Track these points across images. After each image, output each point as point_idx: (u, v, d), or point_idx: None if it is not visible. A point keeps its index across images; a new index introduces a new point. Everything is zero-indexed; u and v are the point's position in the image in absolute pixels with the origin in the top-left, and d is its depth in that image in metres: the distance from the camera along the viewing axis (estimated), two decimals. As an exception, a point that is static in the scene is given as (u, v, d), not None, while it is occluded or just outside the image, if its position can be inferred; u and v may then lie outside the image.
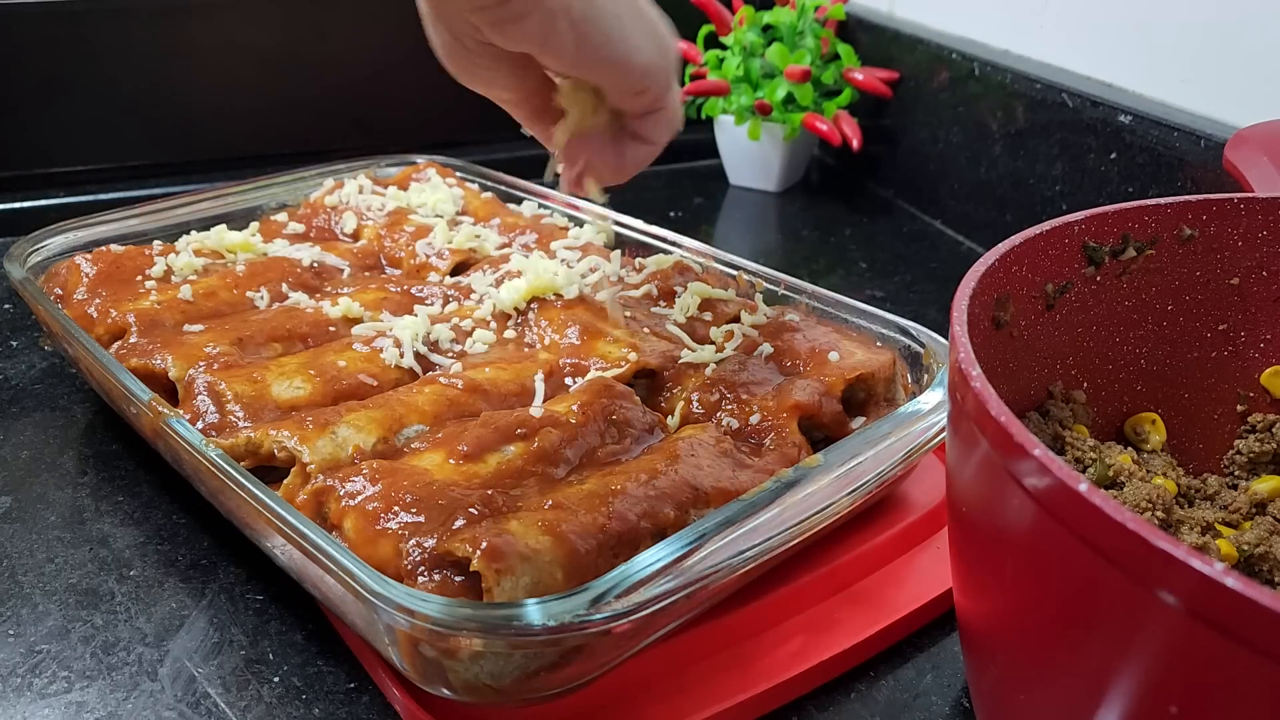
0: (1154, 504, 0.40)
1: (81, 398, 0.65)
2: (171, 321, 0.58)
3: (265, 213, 0.76)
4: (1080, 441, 0.44)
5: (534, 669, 0.38)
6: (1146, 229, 0.46)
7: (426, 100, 1.02)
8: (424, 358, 0.56)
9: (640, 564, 0.38)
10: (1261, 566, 0.41)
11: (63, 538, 0.53)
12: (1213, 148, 0.68)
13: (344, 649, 0.46)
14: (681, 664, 0.44)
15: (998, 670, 0.36)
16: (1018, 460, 0.30)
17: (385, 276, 0.68)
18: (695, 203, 1.04)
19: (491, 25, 0.42)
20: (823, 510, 0.45)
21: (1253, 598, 0.24)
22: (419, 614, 0.35)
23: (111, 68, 0.92)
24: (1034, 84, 0.84)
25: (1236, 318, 0.48)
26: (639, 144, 0.51)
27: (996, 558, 0.34)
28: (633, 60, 0.45)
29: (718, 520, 0.41)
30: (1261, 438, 0.48)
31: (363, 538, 0.42)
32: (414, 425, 0.49)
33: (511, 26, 0.42)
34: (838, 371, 0.53)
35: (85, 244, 0.67)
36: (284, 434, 0.47)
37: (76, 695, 0.43)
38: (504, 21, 0.41)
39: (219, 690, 0.44)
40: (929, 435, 0.49)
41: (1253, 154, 0.57)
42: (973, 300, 0.39)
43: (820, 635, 0.46)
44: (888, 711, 0.44)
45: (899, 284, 0.86)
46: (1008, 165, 0.88)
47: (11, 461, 0.58)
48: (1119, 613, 0.28)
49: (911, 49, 0.98)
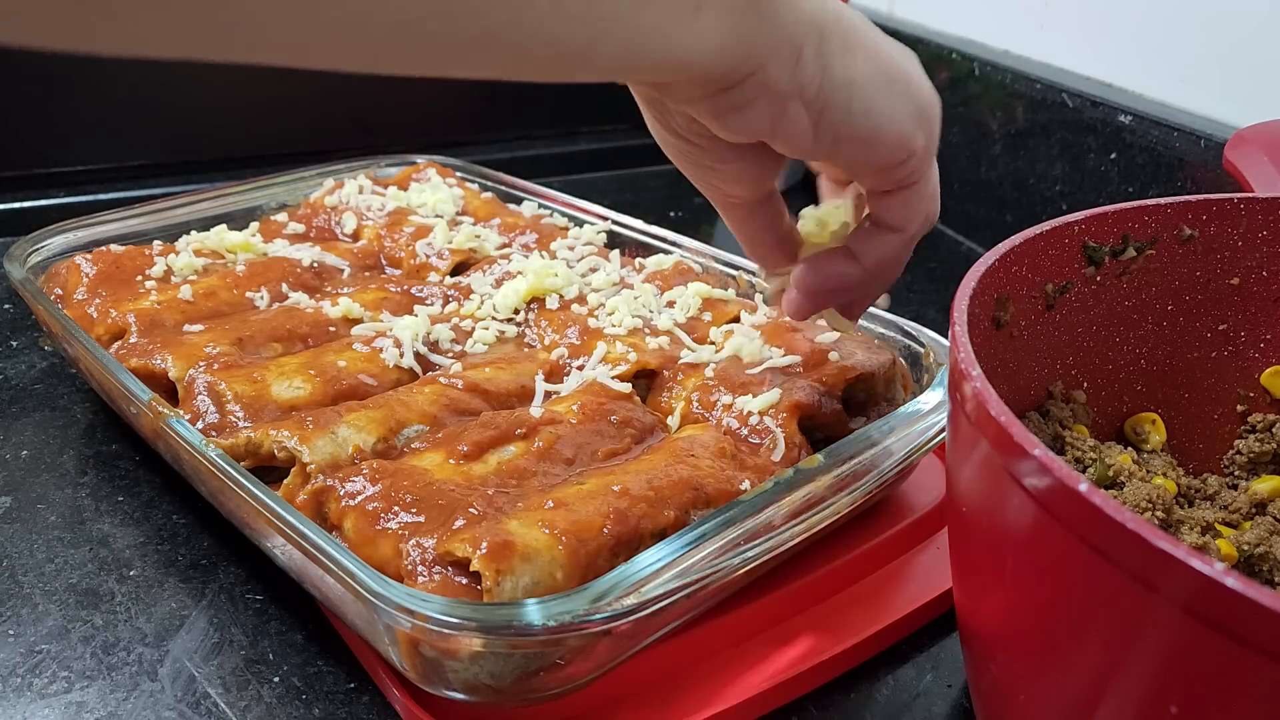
0: (1154, 504, 0.40)
1: (81, 398, 0.65)
2: (171, 321, 0.58)
3: (265, 213, 0.76)
4: (1080, 441, 0.44)
5: (534, 669, 0.38)
6: (1146, 229, 0.46)
7: (426, 100, 1.02)
8: (424, 358, 0.56)
9: (640, 564, 0.38)
10: (1261, 566, 0.41)
11: (63, 538, 0.53)
12: (1213, 148, 0.68)
13: (344, 649, 0.46)
14: (681, 664, 0.44)
15: (998, 670, 0.36)
16: (1018, 460, 0.30)
17: (385, 276, 0.68)
18: (695, 203, 1.04)
19: (713, 116, 0.37)
20: (823, 510, 0.45)
21: (1253, 598, 0.24)
22: (419, 614, 0.35)
23: (112, 68, 0.92)
24: (1034, 84, 0.84)
25: (1236, 318, 0.48)
26: (883, 234, 0.43)
27: (996, 558, 0.34)
28: (883, 132, 0.39)
29: (718, 520, 0.41)
30: (1261, 438, 0.48)
31: (363, 538, 0.42)
32: (414, 425, 0.49)
33: (733, 117, 0.37)
34: (838, 371, 0.53)
35: (85, 244, 0.67)
36: (284, 434, 0.47)
37: (76, 695, 0.43)
38: (725, 112, 0.37)
39: (219, 690, 0.44)
40: (929, 435, 0.49)
41: (1253, 154, 0.57)
42: (973, 300, 0.39)
43: (820, 635, 0.46)
44: (888, 711, 0.44)
45: (899, 284, 0.85)
46: (1008, 165, 0.88)
47: (11, 461, 0.58)
48: (1119, 613, 0.28)
49: (911, 49, 0.98)
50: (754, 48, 0.34)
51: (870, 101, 0.38)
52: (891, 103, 0.38)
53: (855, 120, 0.38)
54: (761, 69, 0.35)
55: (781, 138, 0.38)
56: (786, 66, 0.35)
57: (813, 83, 0.36)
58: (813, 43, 0.36)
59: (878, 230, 0.44)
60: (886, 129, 0.39)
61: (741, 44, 0.34)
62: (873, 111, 0.38)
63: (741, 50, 0.34)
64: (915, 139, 0.40)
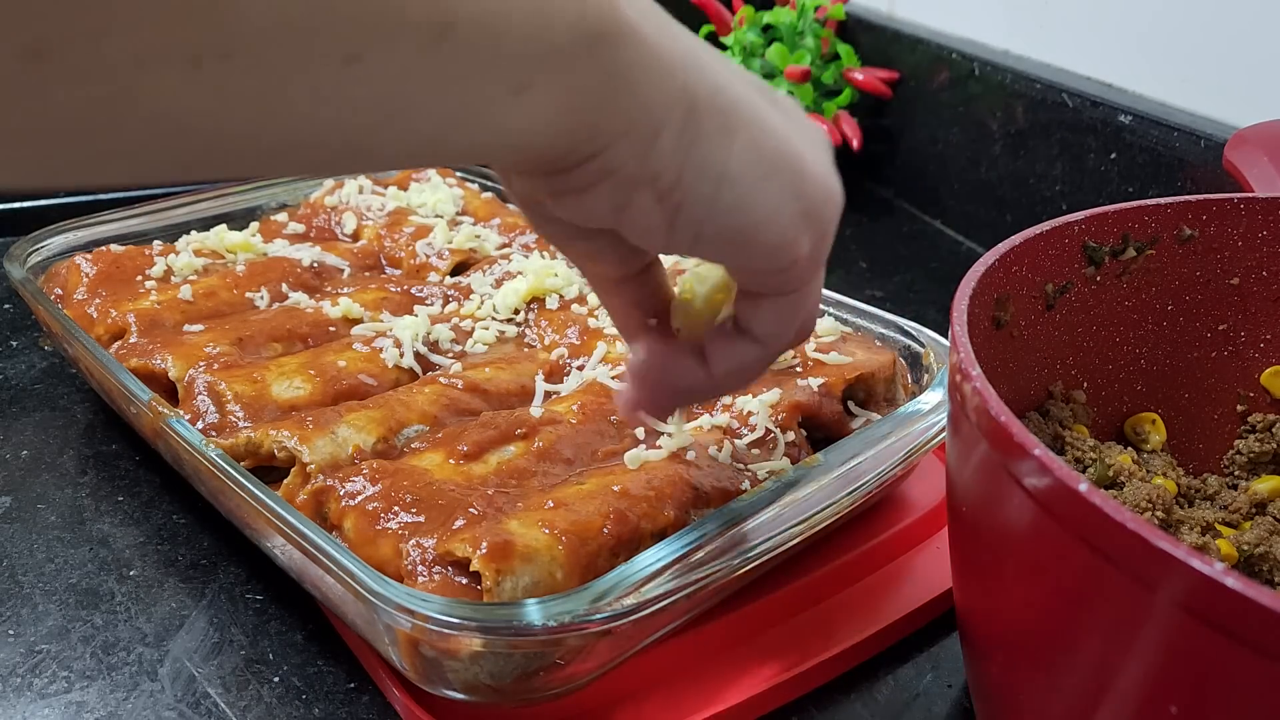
0: (1154, 504, 0.40)
1: (81, 398, 0.65)
2: (171, 321, 0.59)
3: (265, 213, 0.76)
4: (1080, 441, 0.44)
5: (534, 669, 0.38)
6: (1146, 229, 0.46)
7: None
8: (424, 358, 0.56)
9: (640, 564, 0.38)
10: (1261, 566, 0.41)
11: (63, 538, 0.53)
12: (1213, 148, 0.68)
13: (344, 649, 0.46)
14: (681, 664, 0.44)
15: (998, 670, 0.36)
16: (1018, 460, 0.30)
17: (385, 276, 0.68)
18: (695, 203, 1.03)
19: (553, 197, 0.31)
20: (823, 510, 0.44)
21: (1253, 598, 0.24)
22: (419, 614, 0.35)
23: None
24: (1034, 84, 0.84)
25: (1236, 318, 0.48)
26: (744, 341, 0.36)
27: (996, 558, 0.34)
28: (758, 236, 0.32)
29: (718, 520, 0.41)
30: (1261, 438, 0.48)
31: (363, 538, 0.42)
32: (414, 425, 0.49)
33: (570, 201, 0.31)
34: (838, 372, 0.53)
35: (85, 244, 0.67)
36: (284, 434, 0.47)
37: (76, 695, 0.43)
38: (560, 194, 0.31)
39: (219, 690, 0.44)
40: (929, 435, 0.49)
41: (1253, 154, 0.57)
42: (973, 300, 0.39)
43: (820, 635, 0.46)
44: (888, 711, 0.44)
45: (899, 284, 0.86)
46: (1008, 165, 0.88)
47: (11, 461, 0.58)
48: (1119, 613, 0.28)
49: (911, 49, 0.98)
50: (598, 128, 0.28)
51: (744, 197, 0.31)
52: (773, 200, 0.31)
53: (721, 218, 0.31)
54: (605, 151, 0.29)
55: (627, 230, 0.32)
56: (638, 150, 0.29)
57: (670, 171, 0.30)
58: (676, 123, 0.29)
59: (739, 336, 0.36)
60: (763, 232, 0.32)
61: (581, 124, 0.28)
62: (746, 209, 0.31)
63: (581, 131, 0.28)
64: (797, 245, 0.32)
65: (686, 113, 0.29)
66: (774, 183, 0.31)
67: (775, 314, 0.35)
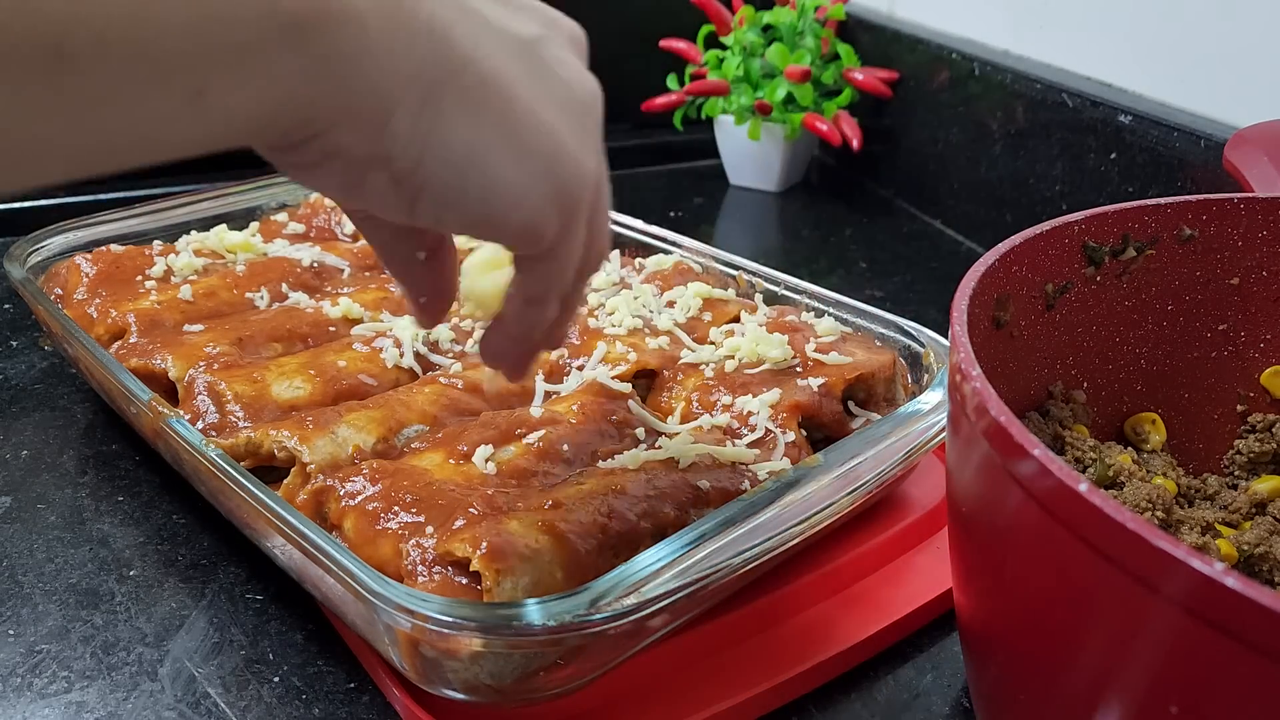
0: (1154, 504, 0.40)
1: (81, 398, 0.65)
2: (171, 321, 0.59)
3: (265, 213, 0.76)
4: (1080, 441, 0.44)
5: (534, 669, 0.38)
6: (1146, 229, 0.46)
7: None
8: (424, 358, 0.56)
9: (640, 564, 0.38)
10: (1261, 566, 0.41)
11: (63, 538, 0.53)
12: (1213, 148, 0.68)
13: (344, 649, 0.46)
14: (681, 664, 0.44)
15: (998, 670, 0.36)
16: (1018, 460, 0.30)
17: (385, 276, 0.68)
18: (695, 203, 1.04)
19: (288, 170, 0.31)
20: (823, 510, 0.45)
21: (1253, 598, 0.24)
22: (419, 614, 0.35)
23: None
24: (1034, 84, 0.84)
25: (1236, 318, 0.48)
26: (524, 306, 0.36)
27: (996, 558, 0.34)
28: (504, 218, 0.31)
29: (718, 520, 0.41)
30: (1261, 438, 0.49)
31: (363, 538, 0.42)
32: (414, 425, 0.49)
33: (302, 175, 0.31)
34: (838, 372, 0.53)
35: (85, 244, 0.67)
36: (284, 434, 0.47)
37: (76, 695, 0.43)
38: (296, 168, 0.30)
39: (219, 690, 0.44)
40: (929, 435, 0.49)
41: (1253, 154, 0.57)
42: (973, 300, 0.39)
43: (820, 635, 0.46)
44: (888, 711, 0.44)
45: (899, 284, 0.86)
46: (1008, 165, 0.88)
47: (11, 461, 0.58)
48: (1119, 613, 0.28)
49: (911, 49, 0.98)
50: (312, 113, 0.27)
51: (490, 184, 0.30)
52: (522, 184, 0.31)
53: (465, 205, 0.30)
54: (325, 134, 0.28)
55: (367, 207, 0.32)
56: (365, 133, 0.28)
57: (407, 154, 0.29)
58: (412, 105, 0.28)
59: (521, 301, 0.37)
60: (510, 216, 0.31)
61: (286, 113, 0.27)
62: (490, 197, 0.30)
63: (289, 118, 0.27)
64: (545, 226, 0.32)
65: (425, 92, 0.29)
66: (524, 166, 0.31)
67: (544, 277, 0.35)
